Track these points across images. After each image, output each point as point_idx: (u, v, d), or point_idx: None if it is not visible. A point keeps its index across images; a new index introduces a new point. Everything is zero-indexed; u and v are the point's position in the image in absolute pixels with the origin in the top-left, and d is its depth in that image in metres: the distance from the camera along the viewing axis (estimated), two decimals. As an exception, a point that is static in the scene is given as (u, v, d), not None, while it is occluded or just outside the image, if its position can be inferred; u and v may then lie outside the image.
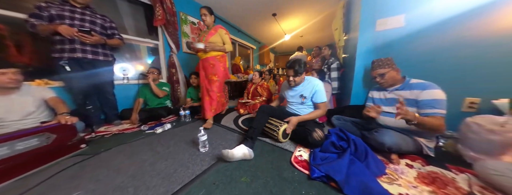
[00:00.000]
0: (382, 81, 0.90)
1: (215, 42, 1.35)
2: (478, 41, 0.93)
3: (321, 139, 0.85)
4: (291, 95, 1.16)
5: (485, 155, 0.69)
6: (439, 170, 0.71)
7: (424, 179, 0.65)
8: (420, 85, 0.80)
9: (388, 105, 0.90)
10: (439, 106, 0.71)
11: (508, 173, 0.54)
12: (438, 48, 1.03)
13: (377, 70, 0.91)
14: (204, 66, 1.42)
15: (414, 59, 1.09)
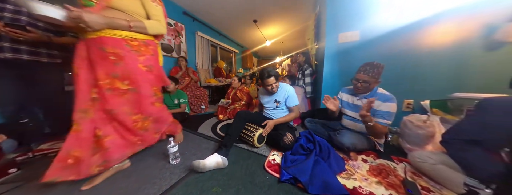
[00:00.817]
0: (361, 87, 0.91)
1: (125, 10, 0.69)
2: (414, 52, 1.17)
3: (291, 142, 0.90)
4: (266, 100, 1.22)
5: (416, 146, 0.87)
6: (385, 162, 0.85)
7: (373, 171, 0.76)
8: (383, 97, 0.88)
9: (354, 110, 0.98)
10: (389, 118, 0.84)
11: (428, 159, 0.70)
12: (385, 57, 1.22)
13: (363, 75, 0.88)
14: (90, 56, 0.67)
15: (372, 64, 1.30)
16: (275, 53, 5.88)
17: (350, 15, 1.34)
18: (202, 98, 2.31)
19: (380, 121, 0.83)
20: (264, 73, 1.07)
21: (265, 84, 1.09)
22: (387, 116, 0.83)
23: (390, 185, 0.66)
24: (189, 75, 2.25)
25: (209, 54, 3.35)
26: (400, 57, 1.22)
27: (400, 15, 1.20)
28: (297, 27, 3.43)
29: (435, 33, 1.12)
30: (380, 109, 0.85)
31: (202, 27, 3.04)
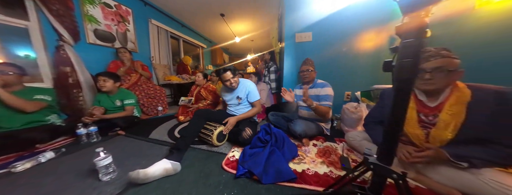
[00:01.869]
0: (307, 75, 1.14)
1: None
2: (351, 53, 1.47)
3: (250, 137, 0.92)
4: (229, 98, 1.20)
5: (351, 128, 1.10)
6: (330, 144, 1.01)
7: (320, 153, 0.89)
8: (321, 84, 1.12)
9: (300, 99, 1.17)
10: (329, 100, 1.05)
11: (356, 137, 0.89)
12: (331, 57, 1.50)
13: (307, 66, 1.15)
14: None
15: (320, 64, 1.47)
16: (247, 50, 5.87)
17: (304, 17, 1.50)
18: (159, 99, 2.00)
19: (323, 103, 1.04)
20: (220, 71, 1.06)
21: (223, 80, 1.08)
22: (328, 99, 1.05)
23: (331, 163, 0.79)
24: (137, 71, 1.87)
25: (169, 47, 2.91)
26: (341, 57, 1.50)
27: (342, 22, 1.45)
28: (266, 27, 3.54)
29: (363, 39, 1.45)
30: (321, 94, 1.06)
31: (158, 14, 2.59)
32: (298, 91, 1.25)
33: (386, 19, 1.39)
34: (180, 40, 3.46)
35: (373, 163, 0.41)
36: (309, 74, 1.13)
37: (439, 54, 0.61)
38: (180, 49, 3.51)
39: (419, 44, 0.33)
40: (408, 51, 0.34)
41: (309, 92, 1.15)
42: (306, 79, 1.15)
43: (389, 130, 0.40)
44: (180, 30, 3.26)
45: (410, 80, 0.36)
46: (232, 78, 1.07)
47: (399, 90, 0.38)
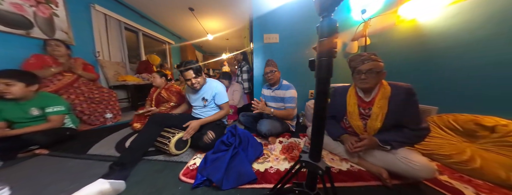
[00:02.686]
0: (271, 77, 1.15)
1: None
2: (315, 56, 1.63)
3: (212, 141, 0.86)
4: (193, 98, 1.08)
5: (310, 122, 1.21)
6: (294, 140, 1.08)
7: (284, 150, 0.92)
8: (286, 86, 1.17)
9: (273, 101, 1.22)
10: (293, 102, 1.10)
11: None
12: (297, 58, 1.59)
13: (270, 67, 1.16)
14: None
15: (287, 65, 1.57)
16: (222, 49, 5.66)
17: (272, 19, 1.55)
18: (108, 104, 1.63)
19: (287, 106, 1.09)
20: (182, 65, 0.92)
21: (184, 78, 0.95)
22: (291, 101, 1.10)
23: (292, 158, 0.83)
24: (74, 71, 1.44)
25: (123, 41, 2.43)
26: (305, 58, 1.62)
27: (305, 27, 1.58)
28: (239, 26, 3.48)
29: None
30: (286, 96, 1.11)
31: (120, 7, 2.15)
32: (266, 91, 1.28)
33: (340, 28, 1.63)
34: (139, 34, 2.96)
35: (304, 160, 0.44)
36: (273, 76, 1.15)
37: (370, 58, 0.74)
38: (140, 44, 3.00)
39: (330, 58, 0.37)
40: (323, 64, 0.38)
41: (275, 94, 1.20)
42: (271, 80, 1.17)
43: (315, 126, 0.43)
44: (139, 22, 2.78)
45: (327, 79, 0.40)
46: (194, 78, 0.94)
47: (319, 92, 0.41)
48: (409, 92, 0.68)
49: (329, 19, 0.35)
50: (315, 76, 0.40)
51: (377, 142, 0.68)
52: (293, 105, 1.10)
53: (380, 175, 0.66)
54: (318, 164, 0.42)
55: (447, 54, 1.00)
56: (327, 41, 0.37)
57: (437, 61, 1.05)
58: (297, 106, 1.31)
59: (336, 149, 0.85)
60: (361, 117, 0.78)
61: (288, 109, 1.08)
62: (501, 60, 0.79)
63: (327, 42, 0.36)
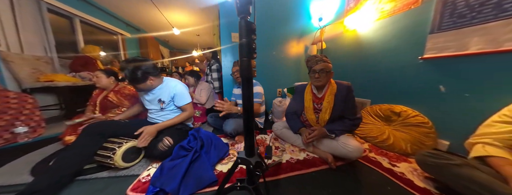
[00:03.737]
0: (238, 75, 1.15)
1: None
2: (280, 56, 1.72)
3: (169, 147, 0.76)
4: (148, 100, 0.93)
5: (278, 119, 1.30)
6: (262, 136, 1.13)
7: None
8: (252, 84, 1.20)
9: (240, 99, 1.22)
10: (259, 97, 1.12)
11: (278, 127, 1.05)
12: (267, 60, 1.68)
13: (237, 67, 1.16)
14: None
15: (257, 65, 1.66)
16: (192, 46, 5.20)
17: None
18: (19, 113, 1.21)
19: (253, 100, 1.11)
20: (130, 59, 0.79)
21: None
22: (257, 96, 1.12)
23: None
24: None
25: (45, 28, 1.83)
26: (272, 59, 1.72)
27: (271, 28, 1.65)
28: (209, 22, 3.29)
29: (288, 46, 1.77)
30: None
31: None
32: (236, 90, 1.28)
33: (304, 32, 1.81)
34: (74, 20, 2.31)
35: (240, 157, 0.46)
36: (238, 74, 1.18)
37: (322, 59, 0.85)
38: (76, 33, 2.35)
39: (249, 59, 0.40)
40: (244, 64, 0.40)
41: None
42: (239, 79, 1.19)
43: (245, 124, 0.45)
44: (74, 5, 2.18)
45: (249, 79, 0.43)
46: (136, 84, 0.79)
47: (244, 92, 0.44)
48: (349, 89, 0.84)
49: (246, 21, 0.36)
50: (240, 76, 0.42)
51: (325, 132, 0.81)
52: (259, 100, 1.12)
53: (326, 159, 0.78)
54: (251, 159, 0.44)
55: (375, 58, 1.28)
56: (246, 42, 0.38)
57: (369, 64, 1.33)
58: (266, 104, 1.38)
59: (296, 141, 0.95)
60: (315, 111, 0.90)
61: (254, 104, 1.10)
62: (404, 65, 1.08)
63: (246, 42, 0.38)
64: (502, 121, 0.59)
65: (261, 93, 1.15)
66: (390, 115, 1.06)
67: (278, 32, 1.70)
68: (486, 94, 0.75)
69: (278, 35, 1.71)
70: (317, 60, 0.84)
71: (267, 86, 1.70)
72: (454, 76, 0.86)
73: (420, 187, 0.63)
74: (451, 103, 0.87)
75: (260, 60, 1.66)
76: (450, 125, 0.87)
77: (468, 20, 0.80)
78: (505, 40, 0.71)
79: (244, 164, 0.45)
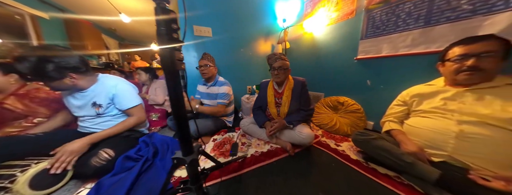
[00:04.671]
0: (205, 71, 1.09)
1: None
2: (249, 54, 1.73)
3: (107, 161, 0.62)
4: (77, 105, 0.71)
5: (247, 116, 1.33)
6: (229, 134, 1.11)
7: (215, 147, 0.92)
8: (220, 83, 1.15)
9: (208, 98, 1.16)
10: (225, 98, 1.10)
11: (245, 123, 1.08)
12: (234, 56, 1.64)
13: (205, 61, 1.09)
14: None
15: (222, 62, 1.54)
16: (150, 38, 4.42)
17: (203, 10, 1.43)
18: None
19: (218, 101, 1.08)
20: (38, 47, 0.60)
21: None
22: (223, 97, 1.09)
23: (222, 154, 0.85)
24: None
25: None
26: (241, 56, 1.71)
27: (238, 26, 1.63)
28: (170, 11, 2.87)
29: (259, 44, 1.82)
30: (220, 92, 1.10)
31: None
32: (201, 87, 1.20)
33: (270, 32, 1.89)
34: None
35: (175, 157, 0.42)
36: (207, 70, 1.10)
37: (280, 57, 0.92)
38: None
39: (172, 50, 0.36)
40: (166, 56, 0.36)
41: (210, 90, 1.15)
42: (206, 75, 1.12)
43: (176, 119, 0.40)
44: None
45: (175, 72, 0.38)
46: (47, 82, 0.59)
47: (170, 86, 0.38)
48: (303, 84, 0.95)
49: (163, 8, 0.33)
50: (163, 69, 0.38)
51: (285, 123, 0.89)
52: (225, 101, 1.10)
53: (286, 148, 0.88)
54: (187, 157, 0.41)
55: (327, 58, 1.51)
56: (165, 31, 0.33)
57: (323, 62, 1.56)
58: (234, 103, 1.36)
59: (261, 135, 1.00)
60: (276, 105, 0.97)
61: (219, 105, 1.07)
62: (345, 64, 1.33)
63: (165, 31, 0.34)
64: (397, 104, 0.83)
65: (228, 94, 1.13)
66: (336, 105, 1.29)
67: (247, 31, 1.70)
68: (393, 85, 1.04)
69: (247, 34, 1.71)
70: (276, 58, 0.90)
71: (238, 83, 1.69)
72: (375, 72, 1.14)
73: (353, 159, 0.81)
74: (374, 93, 1.15)
75: (230, 58, 1.63)
76: (373, 110, 1.15)
77: (381, 31, 1.07)
78: (400, 47, 0.99)
79: (181, 164, 0.42)
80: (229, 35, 1.58)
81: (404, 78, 0.97)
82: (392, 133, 0.78)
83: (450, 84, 0.67)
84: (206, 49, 1.47)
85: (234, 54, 1.64)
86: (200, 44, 1.46)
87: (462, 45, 0.61)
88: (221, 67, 1.53)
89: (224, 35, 1.55)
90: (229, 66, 1.62)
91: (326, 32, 1.48)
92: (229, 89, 1.15)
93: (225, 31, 1.56)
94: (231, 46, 1.61)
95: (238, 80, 1.66)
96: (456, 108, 0.62)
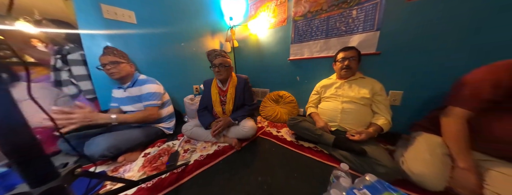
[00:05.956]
0: (113, 71, 0.82)
1: None
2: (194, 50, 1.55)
3: None
4: None
5: (191, 118, 1.22)
6: (170, 143, 0.94)
7: (146, 163, 0.74)
8: (141, 81, 0.90)
9: (129, 103, 0.89)
10: (154, 98, 0.88)
11: (188, 127, 0.96)
12: (172, 50, 1.39)
13: (108, 57, 0.82)
14: None
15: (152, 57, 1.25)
16: (18, 12, 2.68)
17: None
18: None
19: (146, 104, 0.87)
20: None
21: None
22: (152, 97, 0.88)
23: (155, 169, 0.70)
24: None
25: None
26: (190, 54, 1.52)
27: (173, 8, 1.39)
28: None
29: (206, 41, 1.69)
30: (143, 93, 0.88)
31: None
32: (117, 91, 0.92)
33: (218, 29, 1.80)
34: None
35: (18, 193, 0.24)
36: (117, 68, 0.83)
37: (220, 54, 0.90)
38: None
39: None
40: None
41: (130, 93, 0.90)
42: (115, 75, 0.84)
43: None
44: None
45: None
46: None
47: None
48: (246, 81, 1.00)
49: None
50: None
51: (230, 120, 0.91)
52: (155, 102, 0.89)
53: (231, 144, 0.90)
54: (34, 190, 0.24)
55: (269, 58, 1.71)
56: None
57: (267, 61, 1.74)
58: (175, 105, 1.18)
59: (208, 137, 0.95)
60: (221, 103, 0.96)
61: (148, 108, 0.86)
62: (282, 63, 1.58)
63: None
64: (313, 93, 1.12)
65: (157, 93, 0.92)
66: (277, 98, 1.52)
67: (189, 24, 1.51)
68: (313, 80, 1.36)
69: (190, 27, 1.52)
70: (216, 54, 0.88)
71: (180, 82, 1.48)
72: (302, 70, 1.45)
73: (288, 141, 0.99)
74: (301, 86, 1.47)
75: (167, 53, 1.37)
76: (302, 99, 1.47)
77: (303, 38, 1.37)
78: (314, 52, 1.33)
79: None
80: (165, 25, 1.33)
81: (319, 74, 1.32)
82: (311, 115, 1.04)
83: (338, 78, 1.00)
84: (129, 41, 1.15)
85: (172, 48, 1.41)
86: (117, 34, 1.10)
87: (342, 52, 0.93)
88: (147, 63, 1.24)
89: (157, 25, 1.28)
90: (164, 62, 1.36)
91: (268, 35, 1.67)
92: (157, 87, 0.94)
93: (159, 20, 1.29)
94: (167, 39, 1.36)
95: (179, 78, 1.45)
96: (341, 93, 0.94)
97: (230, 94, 0.93)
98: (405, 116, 0.98)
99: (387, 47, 0.98)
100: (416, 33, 0.88)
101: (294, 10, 1.37)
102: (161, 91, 0.95)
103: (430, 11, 0.82)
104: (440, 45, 0.83)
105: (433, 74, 0.87)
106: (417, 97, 0.94)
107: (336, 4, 1.13)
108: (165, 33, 1.34)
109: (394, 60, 0.97)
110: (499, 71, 0.51)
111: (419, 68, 0.90)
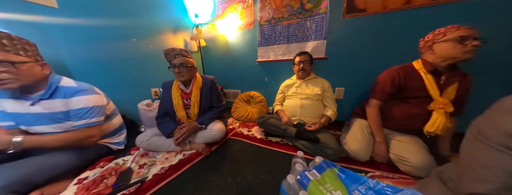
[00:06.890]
0: (12, 76, 0.50)
1: None
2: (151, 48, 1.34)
3: None
4: None
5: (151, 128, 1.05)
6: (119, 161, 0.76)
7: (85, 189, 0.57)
8: (69, 91, 0.61)
9: (39, 124, 0.58)
10: (92, 115, 0.62)
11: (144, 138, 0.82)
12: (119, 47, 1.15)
13: (3, 54, 0.49)
14: None
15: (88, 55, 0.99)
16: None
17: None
18: None
19: (77, 125, 0.61)
20: None
21: None
22: (87, 114, 0.62)
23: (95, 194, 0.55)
24: None
25: None
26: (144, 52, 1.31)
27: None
28: None
29: (167, 38, 1.49)
30: (71, 108, 0.61)
31: None
32: (12, 103, 0.58)
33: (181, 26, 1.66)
34: None
35: None
36: (16, 72, 0.51)
37: (181, 53, 0.84)
38: None
39: None
40: None
41: (43, 107, 0.58)
42: (5, 84, 0.51)
43: None
44: None
45: None
46: None
47: None
48: (212, 82, 0.97)
49: None
50: None
51: (196, 125, 0.85)
52: (94, 120, 0.64)
53: (199, 150, 0.85)
54: None
55: (239, 59, 1.72)
56: None
57: (237, 63, 1.75)
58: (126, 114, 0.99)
59: (170, 146, 0.84)
60: (185, 107, 0.89)
61: (83, 130, 0.61)
62: (251, 65, 1.64)
63: None
64: (279, 93, 1.22)
65: (99, 107, 0.67)
66: (249, 99, 1.56)
67: (144, 19, 1.31)
68: (279, 80, 1.48)
69: (145, 23, 1.32)
70: (176, 54, 0.81)
71: (133, 86, 1.25)
72: (269, 71, 1.56)
73: (258, 138, 1.04)
74: (269, 86, 1.57)
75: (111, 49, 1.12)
76: (271, 98, 1.58)
77: (268, 42, 1.48)
78: (278, 55, 1.46)
79: None
80: (106, 15, 1.09)
81: (283, 75, 1.45)
82: (278, 112, 1.14)
83: (297, 78, 1.14)
84: (47, 31, 0.86)
85: (121, 45, 1.18)
86: (26, 20, 0.81)
87: (298, 56, 1.06)
88: (90, 63, 1.00)
89: (93, 14, 1.03)
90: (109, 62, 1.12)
91: (237, 36, 1.68)
92: (96, 98, 0.67)
93: (96, 8, 1.04)
94: (113, 33, 1.12)
95: (132, 81, 1.24)
96: (300, 91, 1.07)
97: (195, 97, 0.88)
98: (347, 107, 1.24)
99: (332, 52, 1.21)
100: (351, 42, 1.13)
101: (260, 15, 1.45)
102: (104, 103, 0.70)
103: (359, 27, 1.08)
104: (368, 51, 1.10)
105: (364, 74, 1.14)
106: (355, 92, 1.21)
107: (294, 14, 1.29)
108: (109, 25, 1.10)
109: (337, 63, 1.21)
110: (393, 72, 0.74)
111: (356, 69, 1.16)
